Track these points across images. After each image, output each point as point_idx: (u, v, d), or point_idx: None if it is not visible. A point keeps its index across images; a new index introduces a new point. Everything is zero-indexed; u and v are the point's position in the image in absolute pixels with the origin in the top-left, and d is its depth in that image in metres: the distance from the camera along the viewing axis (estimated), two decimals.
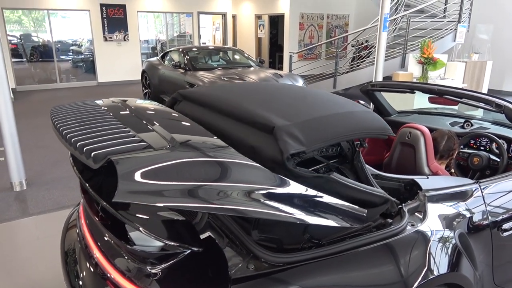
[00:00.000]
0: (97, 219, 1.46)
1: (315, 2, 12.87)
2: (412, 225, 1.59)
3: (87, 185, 1.36)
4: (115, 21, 11.31)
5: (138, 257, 1.34)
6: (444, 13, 9.23)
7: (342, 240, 1.45)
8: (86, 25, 11.10)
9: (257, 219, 1.43)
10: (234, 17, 15.06)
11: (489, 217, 1.86)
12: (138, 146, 1.26)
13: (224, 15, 13.64)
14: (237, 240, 1.40)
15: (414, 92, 2.92)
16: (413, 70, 7.05)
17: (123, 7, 11.36)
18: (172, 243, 1.25)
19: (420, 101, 4.34)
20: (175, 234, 1.29)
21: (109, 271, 1.37)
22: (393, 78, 7.06)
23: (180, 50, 7.83)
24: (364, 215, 1.38)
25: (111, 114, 1.64)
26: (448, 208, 1.74)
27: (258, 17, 14.05)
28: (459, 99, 2.59)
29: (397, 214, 1.63)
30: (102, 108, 1.76)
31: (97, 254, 1.46)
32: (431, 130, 3.21)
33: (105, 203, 1.22)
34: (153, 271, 1.31)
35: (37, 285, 2.57)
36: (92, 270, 1.50)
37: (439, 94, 2.71)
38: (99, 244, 1.48)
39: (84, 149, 1.22)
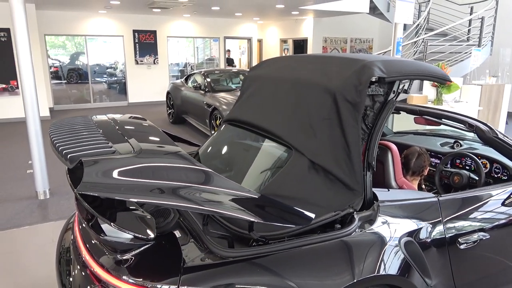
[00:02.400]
0: (83, 218, 1.72)
1: (338, 26, 13.15)
2: (361, 230, 1.75)
3: (71, 183, 1.64)
4: (146, 45, 12.04)
5: (109, 247, 1.59)
6: (468, 36, 9.23)
7: (289, 239, 1.64)
8: (120, 49, 11.88)
9: (207, 215, 1.65)
10: (260, 41, 15.58)
11: (446, 231, 1.97)
12: (107, 151, 1.53)
13: (249, 40, 14.16)
14: (197, 235, 1.63)
15: (400, 113, 3.07)
16: (428, 93, 7.09)
17: (154, 32, 12.09)
18: (129, 235, 1.48)
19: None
20: (135, 227, 1.52)
21: (91, 265, 1.61)
22: (407, 101, 7.11)
23: (202, 72, 8.26)
24: (312, 217, 1.56)
25: (98, 128, 1.93)
26: (399, 219, 1.88)
27: (284, 41, 14.49)
28: (437, 120, 2.73)
29: (349, 221, 1.80)
30: (93, 122, 2.06)
31: (84, 252, 1.70)
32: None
33: (78, 196, 1.48)
34: (120, 258, 1.54)
35: (48, 279, 2.87)
36: (79, 268, 1.74)
37: (420, 114, 2.85)
38: (86, 243, 1.73)
39: (63, 152, 1.50)
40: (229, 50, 13.87)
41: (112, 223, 1.48)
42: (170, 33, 12.48)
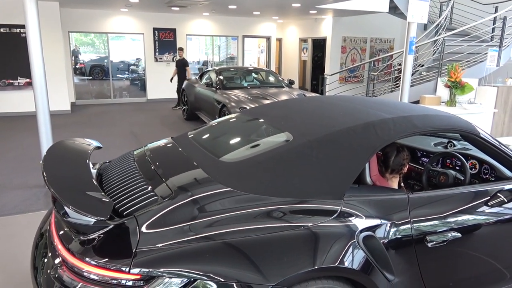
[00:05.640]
0: (52, 201, 1.83)
1: (358, 26, 12.99)
2: (322, 222, 1.77)
3: (45, 175, 1.76)
4: (165, 43, 12.28)
5: (73, 229, 1.69)
6: (492, 35, 8.94)
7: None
8: (140, 46, 12.17)
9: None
10: (279, 40, 15.59)
11: (413, 228, 1.96)
12: (151, 202, 1.80)
13: (268, 39, 14.19)
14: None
15: None
16: (442, 94, 6.93)
17: (173, 30, 12.32)
18: (89, 218, 1.57)
19: None
20: (90, 209, 1.61)
21: (59, 248, 1.70)
22: (420, 102, 6.98)
23: (215, 70, 8.37)
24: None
25: (140, 170, 2.17)
26: (363, 214, 1.88)
27: (303, 40, 14.44)
28: None
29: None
30: (135, 162, 2.33)
31: (54, 236, 1.80)
32: (414, 149, 3.29)
33: (48, 186, 1.60)
34: (82, 238, 1.63)
35: None
36: (51, 251, 1.82)
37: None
38: (57, 227, 1.83)
39: (115, 206, 1.84)
40: (181, 49, 10.76)
41: (69, 205, 1.58)
42: (189, 31, 12.68)
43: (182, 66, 10.55)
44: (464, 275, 2.16)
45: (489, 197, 2.21)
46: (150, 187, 1.90)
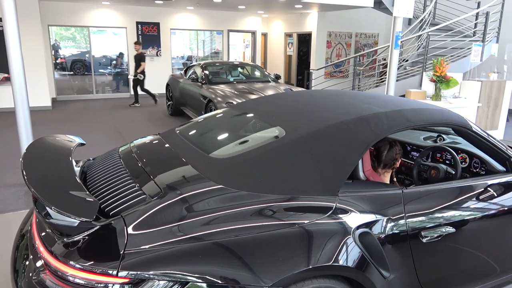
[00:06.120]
0: (33, 202, 1.73)
1: (343, 21, 13.00)
2: (319, 220, 1.72)
3: (24, 174, 1.66)
4: (149, 37, 12.05)
5: (56, 231, 1.59)
6: (474, 30, 9.05)
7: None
8: (123, 41, 11.91)
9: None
10: (265, 35, 15.49)
11: (408, 223, 1.93)
12: (140, 201, 1.72)
13: (253, 33, 14.09)
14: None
15: None
16: (427, 89, 6.98)
17: (157, 24, 12.10)
18: (73, 219, 1.49)
19: None
20: (74, 210, 1.52)
21: (41, 251, 1.61)
22: (405, 96, 7.01)
23: (200, 64, 8.24)
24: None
25: (126, 168, 2.08)
26: (358, 210, 1.84)
27: (289, 35, 14.38)
28: None
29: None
30: (121, 160, 2.21)
31: (36, 238, 1.70)
32: (404, 143, 3.28)
33: (28, 185, 1.50)
34: (66, 240, 1.54)
35: None
36: (32, 254, 1.73)
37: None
38: (39, 228, 1.73)
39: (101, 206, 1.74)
40: (137, 42, 10.10)
41: (51, 206, 1.48)
42: (173, 26, 12.47)
43: (138, 60, 9.95)
44: (457, 270, 2.15)
45: (482, 191, 2.20)
46: (137, 185, 1.82)
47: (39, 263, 1.62)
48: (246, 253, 1.54)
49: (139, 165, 2.07)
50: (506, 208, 2.24)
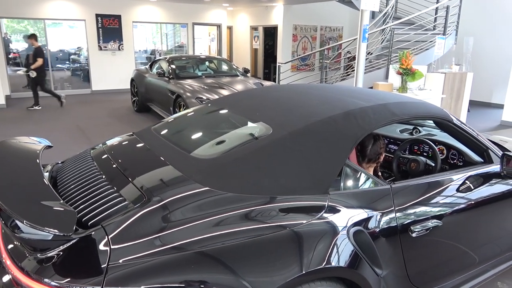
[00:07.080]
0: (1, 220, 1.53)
1: (308, 14, 13.05)
2: (309, 220, 1.65)
3: None
4: (110, 31, 11.56)
5: (28, 245, 1.43)
6: (434, 24, 9.34)
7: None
8: (82, 34, 11.35)
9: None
10: (230, 28, 15.30)
11: (397, 219, 1.91)
12: (121, 208, 1.58)
13: (219, 26, 13.87)
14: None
15: None
16: (394, 81, 7.12)
17: (118, 17, 11.61)
18: (46, 232, 1.32)
19: None
20: (49, 222, 1.36)
21: (9, 265, 1.44)
22: (374, 88, 7.12)
23: (166, 59, 7.99)
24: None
25: (101, 172, 1.90)
26: (349, 207, 1.79)
27: (254, 28, 14.27)
28: None
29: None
30: (95, 163, 2.02)
31: (4, 254, 1.52)
32: (384, 137, 3.28)
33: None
34: (40, 256, 1.38)
35: None
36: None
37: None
38: (6, 243, 1.55)
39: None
40: (32, 36, 8.77)
41: (23, 220, 1.32)
42: (135, 18, 12.02)
43: (34, 56, 8.63)
44: (445, 262, 2.16)
45: (464, 182, 2.22)
46: (116, 191, 1.67)
47: (6, 279, 1.45)
48: (243, 261, 1.45)
49: (115, 167, 1.92)
50: (488, 198, 2.28)
